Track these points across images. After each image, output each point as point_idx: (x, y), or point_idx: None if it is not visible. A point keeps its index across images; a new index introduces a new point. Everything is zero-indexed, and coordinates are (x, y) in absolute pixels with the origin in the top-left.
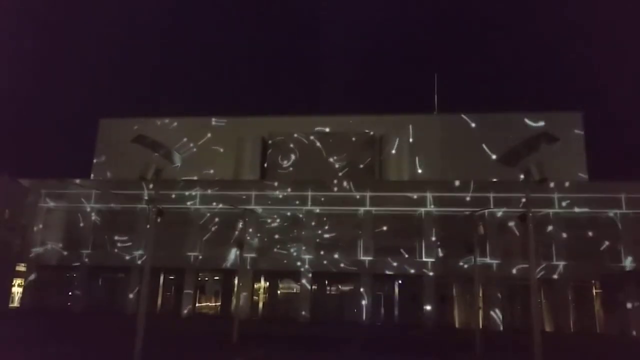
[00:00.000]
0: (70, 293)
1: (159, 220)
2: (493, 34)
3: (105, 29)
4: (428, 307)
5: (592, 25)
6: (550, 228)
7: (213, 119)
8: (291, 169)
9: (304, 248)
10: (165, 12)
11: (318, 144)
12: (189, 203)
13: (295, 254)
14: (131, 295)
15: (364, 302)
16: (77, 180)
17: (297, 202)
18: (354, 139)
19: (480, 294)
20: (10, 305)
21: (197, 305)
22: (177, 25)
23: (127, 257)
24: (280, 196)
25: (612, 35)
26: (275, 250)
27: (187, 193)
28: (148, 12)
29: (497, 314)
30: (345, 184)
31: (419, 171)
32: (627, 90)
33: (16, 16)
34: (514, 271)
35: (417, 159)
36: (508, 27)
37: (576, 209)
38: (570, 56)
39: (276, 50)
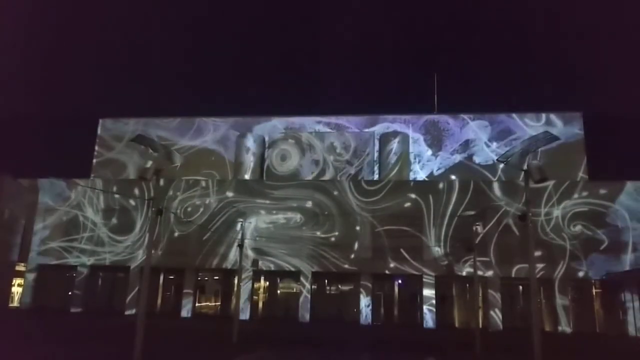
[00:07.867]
0: (70, 293)
1: (158, 219)
2: (493, 33)
3: (106, 28)
4: (428, 307)
5: (592, 25)
6: (550, 227)
7: (213, 119)
8: (291, 168)
9: (304, 248)
10: (165, 11)
11: (318, 143)
12: (188, 203)
13: (295, 253)
14: (131, 295)
15: (364, 302)
16: (77, 180)
17: (297, 202)
18: (353, 138)
19: (480, 294)
20: (10, 305)
21: (197, 305)
22: (177, 25)
23: (127, 257)
24: (280, 196)
25: (613, 35)
26: (275, 250)
27: (187, 193)
28: (148, 12)
29: (497, 314)
30: (344, 183)
31: (419, 171)
32: (627, 90)
33: (16, 16)
34: (514, 271)
35: (417, 158)
36: (508, 27)
37: (576, 209)
38: (571, 56)
39: (276, 50)
